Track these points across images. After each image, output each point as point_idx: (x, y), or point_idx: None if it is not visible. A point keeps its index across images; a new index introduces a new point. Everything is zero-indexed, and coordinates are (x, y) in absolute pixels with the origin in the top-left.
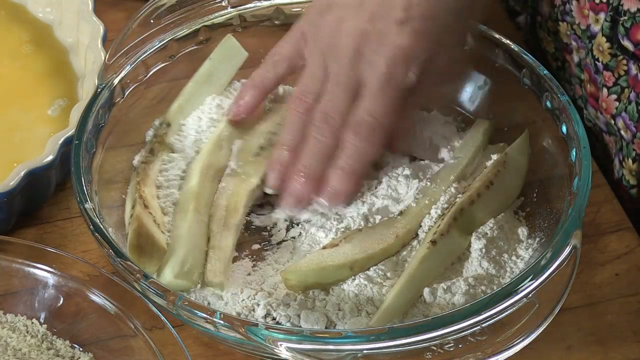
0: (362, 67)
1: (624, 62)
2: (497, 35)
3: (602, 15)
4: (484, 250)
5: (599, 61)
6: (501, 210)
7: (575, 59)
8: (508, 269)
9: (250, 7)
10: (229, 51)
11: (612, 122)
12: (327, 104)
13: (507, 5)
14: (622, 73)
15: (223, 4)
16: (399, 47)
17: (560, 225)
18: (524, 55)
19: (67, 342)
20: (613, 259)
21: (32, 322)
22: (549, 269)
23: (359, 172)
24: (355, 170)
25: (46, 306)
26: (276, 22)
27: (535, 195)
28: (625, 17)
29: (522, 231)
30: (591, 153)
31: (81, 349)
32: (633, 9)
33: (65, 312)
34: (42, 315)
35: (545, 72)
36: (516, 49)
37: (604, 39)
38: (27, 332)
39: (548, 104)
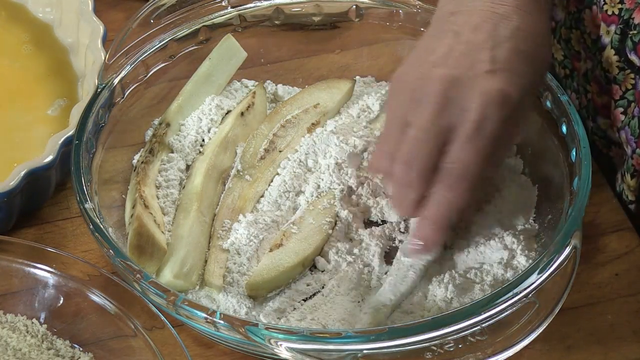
0: (451, 114)
1: (632, 75)
2: None
3: (612, 28)
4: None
5: (609, 73)
6: None
7: (583, 68)
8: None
9: (250, 7)
10: (229, 51)
11: (617, 135)
12: (410, 151)
13: None
14: (630, 87)
15: (223, 4)
16: (489, 92)
17: (560, 225)
18: None
19: (67, 342)
20: (613, 259)
21: (32, 322)
22: (549, 269)
23: (446, 223)
24: (441, 220)
25: (46, 306)
26: (276, 22)
27: (535, 195)
28: (635, 31)
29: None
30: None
31: (81, 349)
32: None
33: (65, 312)
34: (42, 315)
35: None
36: None
37: (613, 52)
38: (27, 332)
39: (548, 104)
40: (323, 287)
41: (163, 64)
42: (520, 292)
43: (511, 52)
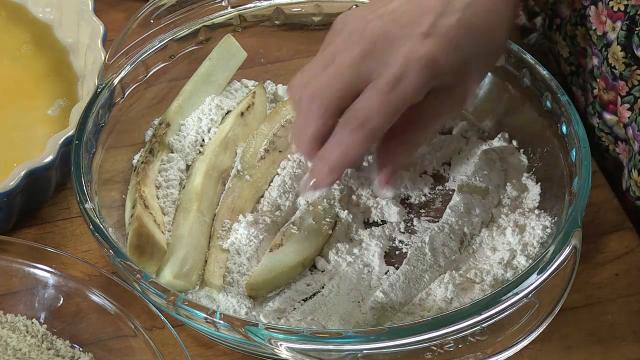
0: (373, 63)
1: (638, 71)
2: None
3: (618, 24)
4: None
5: (615, 69)
6: None
7: (589, 65)
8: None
9: (250, 7)
10: (228, 51)
11: (624, 131)
12: (321, 84)
13: (527, 5)
14: (636, 83)
15: (223, 4)
16: (417, 53)
17: (560, 225)
18: (524, 55)
19: (67, 342)
20: (613, 259)
21: (32, 322)
22: (549, 269)
23: (340, 165)
24: (334, 161)
25: (46, 306)
26: (276, 22)
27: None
28: None
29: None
30: (601, 164)
31: (81, 349)
32: None
33: (65, 312)
34: (42, 315)
35: (545, 72)
36: (516, 49)
37: (619, 48)
38: (27, 332)
39: (548, 104)
40: (323, 287)
41: (163, 64)
42: (520, 292)
43: (457, 23)
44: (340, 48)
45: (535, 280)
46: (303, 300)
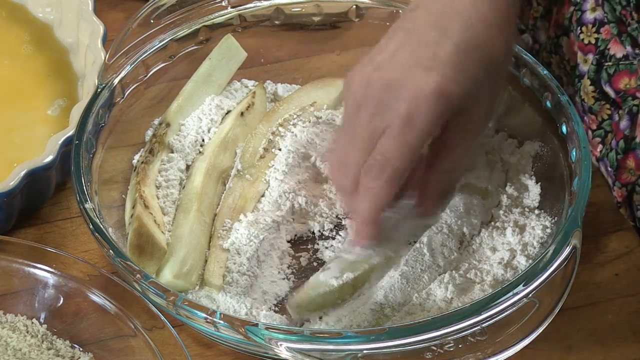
0: (383, 116)
1: (607, 106)
2: None
3: (590, 56)
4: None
5: (585, 102)
6: None
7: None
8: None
9: (250, 7)
10: (229, 51)
11: (597, 165)
12: (344, 157)
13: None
14: (606, 117)
15: (223, 4)
16: (421, 89)
17: (560, 225)
18: (524, 55)
19: (67, 342)
20: (613, 259)
21: (32, 322)
22: (549, 269)
23: (372, 215)
24: (366, 212)
25: (46, 306)
26: (276, 22)
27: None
28: (610, 63)
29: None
30: None
31: (81, 349)
32: (619, 55)
33: (65, 312)
34: (42, 315)
35: (545, 72)
36: (516, 49)
37: (589, 82)
38: (27, 332)
39: (548, 104)
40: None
41: (163, 64)
42: (520, 292)
43: (456, 47)
44: (353, 115)
45: (535, 280)
46: None
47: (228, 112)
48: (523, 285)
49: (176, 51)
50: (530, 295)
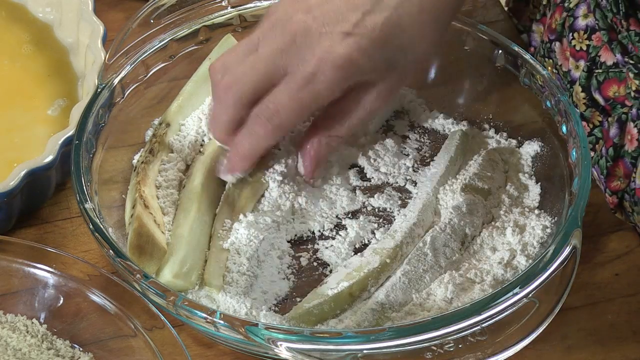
0: (290, 58)
1: (597, 113)
2: (496, 35)
3: (582, 63)
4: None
5: (577, 108)
6: None
7: None
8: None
9: (250, 7)
10: None
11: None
12: (237, 74)
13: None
14: (597, 123)
15: (223, 4)
16: (333, 54)
17: (560, 225)
18: (524, 55)
19: (67, 342)
20: (613, 259)
21: (32, 322)
22: (548, 269)
23: (250, 154)
24: (246, 152)
25: (46, 306)
26: None
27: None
28: (600, 70)
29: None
30: None
31: (81, 349)
32: (609, 62)
33: (65, 312)
34: (42, 315)
35: (545, 72)
36: (516, 48)
37: (580, 89)
38: (27, 332)
39: (548, 104)
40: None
41: (163, 64)
42: (520, 292)
43: (384, 22)
44: (263, 37)
45: (535, 280)
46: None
47: None
48: (523, 285)
49: (176, 51)
50: (530, 295)
